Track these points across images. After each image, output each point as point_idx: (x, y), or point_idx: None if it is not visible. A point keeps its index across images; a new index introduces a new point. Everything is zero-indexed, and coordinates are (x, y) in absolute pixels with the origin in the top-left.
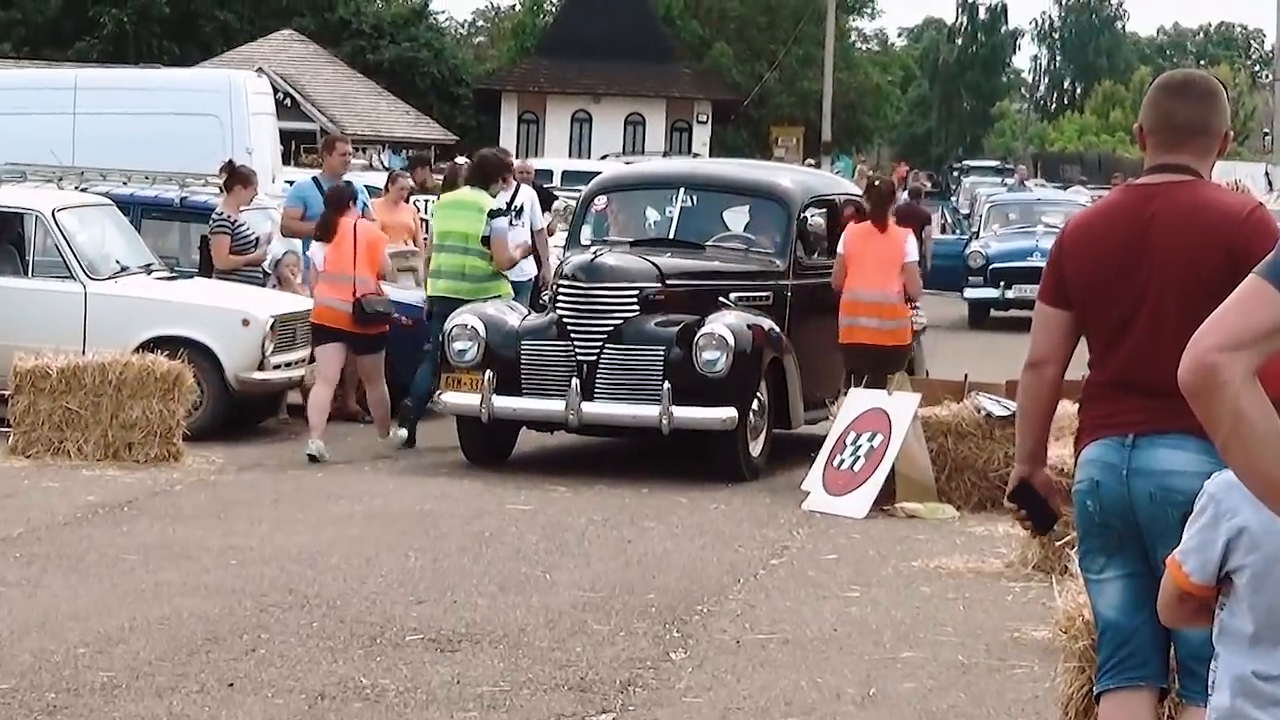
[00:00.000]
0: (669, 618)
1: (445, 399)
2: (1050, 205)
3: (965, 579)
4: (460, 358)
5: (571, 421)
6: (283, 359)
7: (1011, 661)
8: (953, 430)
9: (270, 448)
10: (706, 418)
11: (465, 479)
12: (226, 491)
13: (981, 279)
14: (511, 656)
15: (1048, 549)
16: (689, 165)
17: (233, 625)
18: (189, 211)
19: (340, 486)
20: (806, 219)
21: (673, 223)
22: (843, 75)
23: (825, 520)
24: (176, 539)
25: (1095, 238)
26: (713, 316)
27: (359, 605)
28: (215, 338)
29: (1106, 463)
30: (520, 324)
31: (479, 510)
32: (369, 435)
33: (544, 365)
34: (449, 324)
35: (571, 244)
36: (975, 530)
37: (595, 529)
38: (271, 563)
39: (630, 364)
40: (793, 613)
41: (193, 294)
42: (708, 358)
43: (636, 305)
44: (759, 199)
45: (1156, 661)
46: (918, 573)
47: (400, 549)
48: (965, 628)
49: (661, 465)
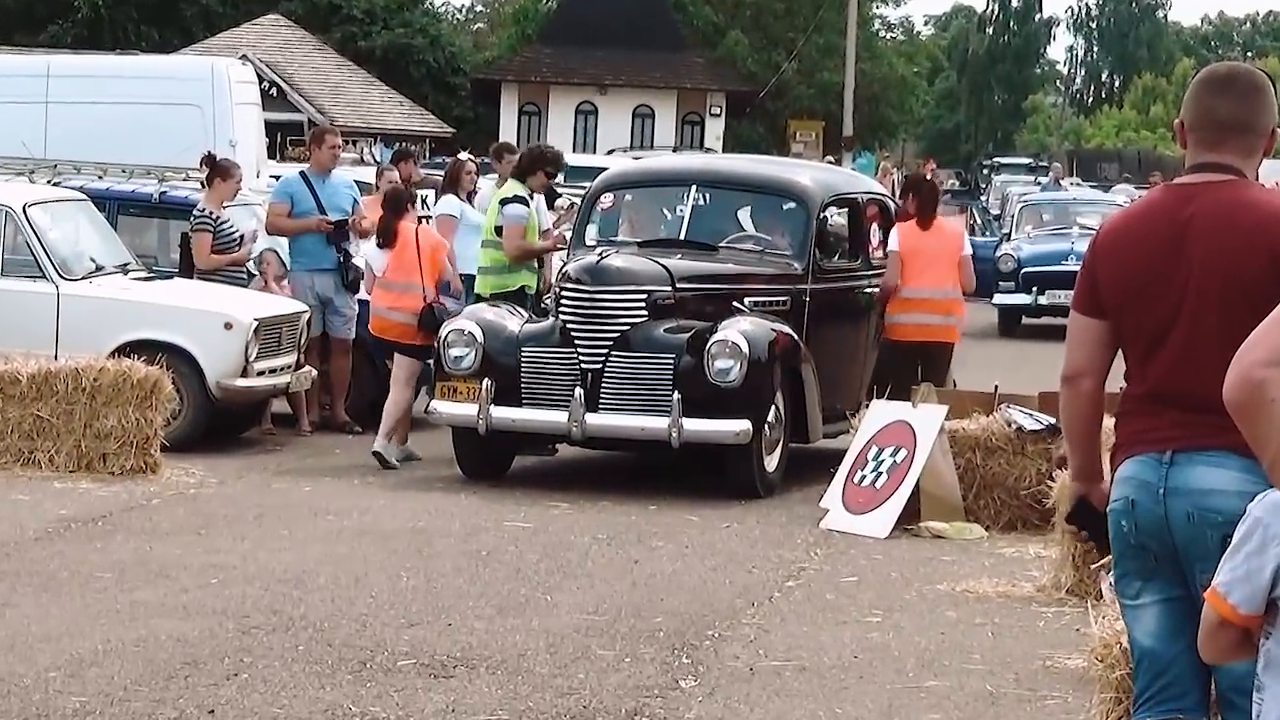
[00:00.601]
0: (678, 643)
1: (440, 409)
2: (1086, 205)
3: (994, 603)
4: (456, 365)
5: (575, 434)
6: (267, 365)
7: (1043, 692)
8: (981, 445)
9: (254, 459)
10: (719, 430)
11: (461, 494)
12: (207, 506)
13: (1013, 284)
14: (510, 684)
15: (1082, 572)
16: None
17: (213, 648)
18: (168, 207)
19: (328, 501)
20: (826, 219)
21: (683, 222)
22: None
23: (845, 540)
24: (153, 556)
25: (1130, 241)
26: (726, 323)
27: (348, 628)
28: (196, 342)
29: (1142, 481)
30: (520, 329)
31: (475, 528)
32: (359, 448)
33: (546, 374)
34: (444, 329)
35: (576, 245)
36: (1005, 552)
37: (599, 548)
38: (255, 582)
39: (637, 373)
40: (810, 639)
41: (172, 295)
42: (720, 366)
43: (644, 310)
44: (776, 197)
45: (1196, 693)
46: (943, 597)
47: (392, 568)
48: (994, 655)
49: (670, 481)
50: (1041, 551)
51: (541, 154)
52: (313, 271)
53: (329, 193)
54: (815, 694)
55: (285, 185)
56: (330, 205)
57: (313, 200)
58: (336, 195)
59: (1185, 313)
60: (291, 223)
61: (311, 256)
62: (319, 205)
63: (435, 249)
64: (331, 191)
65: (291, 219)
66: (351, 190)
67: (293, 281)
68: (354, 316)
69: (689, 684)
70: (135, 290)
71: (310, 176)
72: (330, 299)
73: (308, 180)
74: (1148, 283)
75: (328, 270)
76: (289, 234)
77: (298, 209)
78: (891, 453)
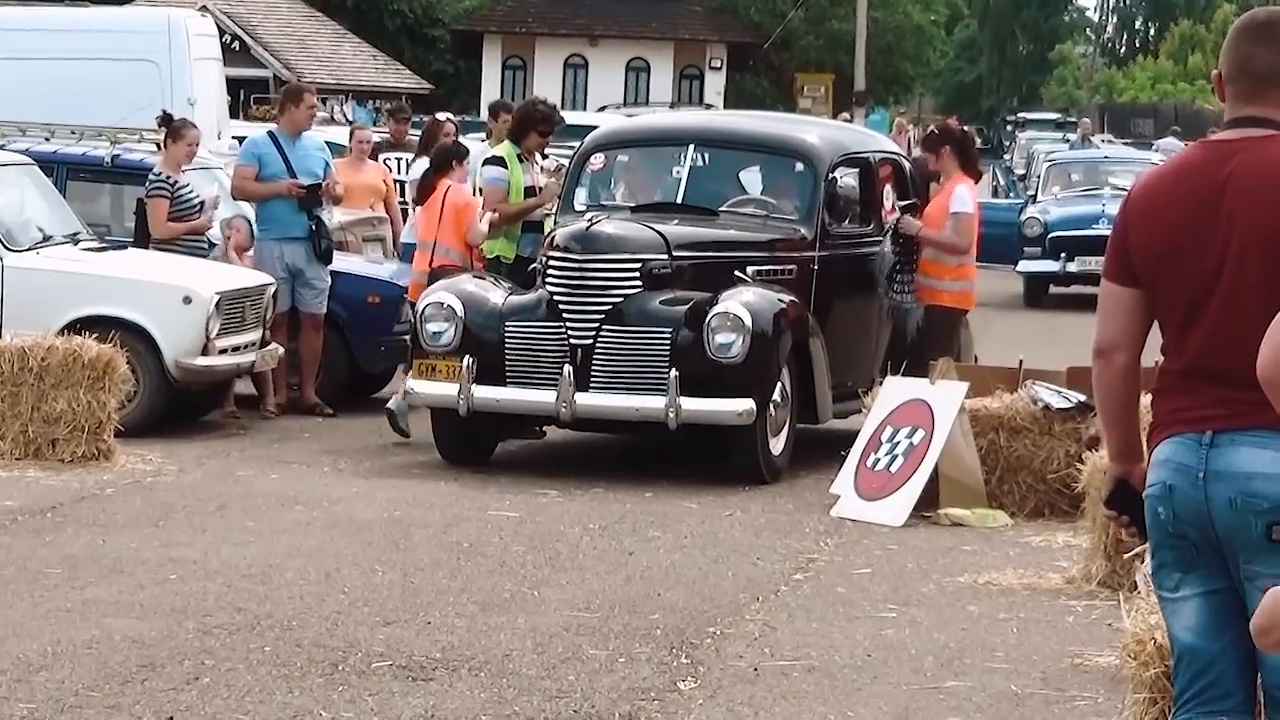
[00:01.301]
0: (676, 641)
1: (417, 389)
2: (1119, 164)
3: (1019, 596)
4: (435, 341)
5: (563, 415)
6: (230, 342)
7: (1072, 692)
8: (1005, 425)
9: (216, 445)
10: (720, 411)
11: (440, 481)
12: (165, 495)
13: (1039, 250)
14: (494, 686)
15: (1115, 562)
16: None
17: (172, 650)
18: (121, 172)
19: (296, 491)
20: (836, 180)
21: (681, 185)
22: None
23: (857, 529)
24: (107, 550)
25: (1164, 203)
26: (727, 293)
27: (318, 627)
28: (152, 318)
29: (1180, 464)
30: (504, 302)
31: (456, 518)
32: (329, 432)
33: (531, 350)
34: (421, 302)
35: (564, 210)
36: (1031, 540)
37: (591, 539)
38: (217, 578)
39: (631, 348)
40: (819, 636)
41: (126, 267)
42: (721, 341)
43: (638, 281)
44: (781, 157)
45: (1241, 692)
46: (964, 589)
47: (365, 562)
48: (1019, 653)
49: (667, 466)
50: (1070, 540)
51: (530, 111)
52: (282, 240)
53: (300, 155)
54: (825, 696)
55: (252, 146)
56: (301, 168)
57: (282, 163)
58: (308, 158)
59: (1224, 280)
60: (259, 186)
61: (280, 224)
62: (289, 168)
63: (460, 209)
64: (303, 154)
65: (259, 183)
66: (324, 152)
67: (260, 251)
68: (326, 290)
69: (688, 686)
70: (86, 262)
71: (280, 137)
72: (301, 270)
73: (277, 141)
74: (1182, 247)
75: (298, 239)
76: (256, 199)
77: (265, 172)
78: (908, 434)
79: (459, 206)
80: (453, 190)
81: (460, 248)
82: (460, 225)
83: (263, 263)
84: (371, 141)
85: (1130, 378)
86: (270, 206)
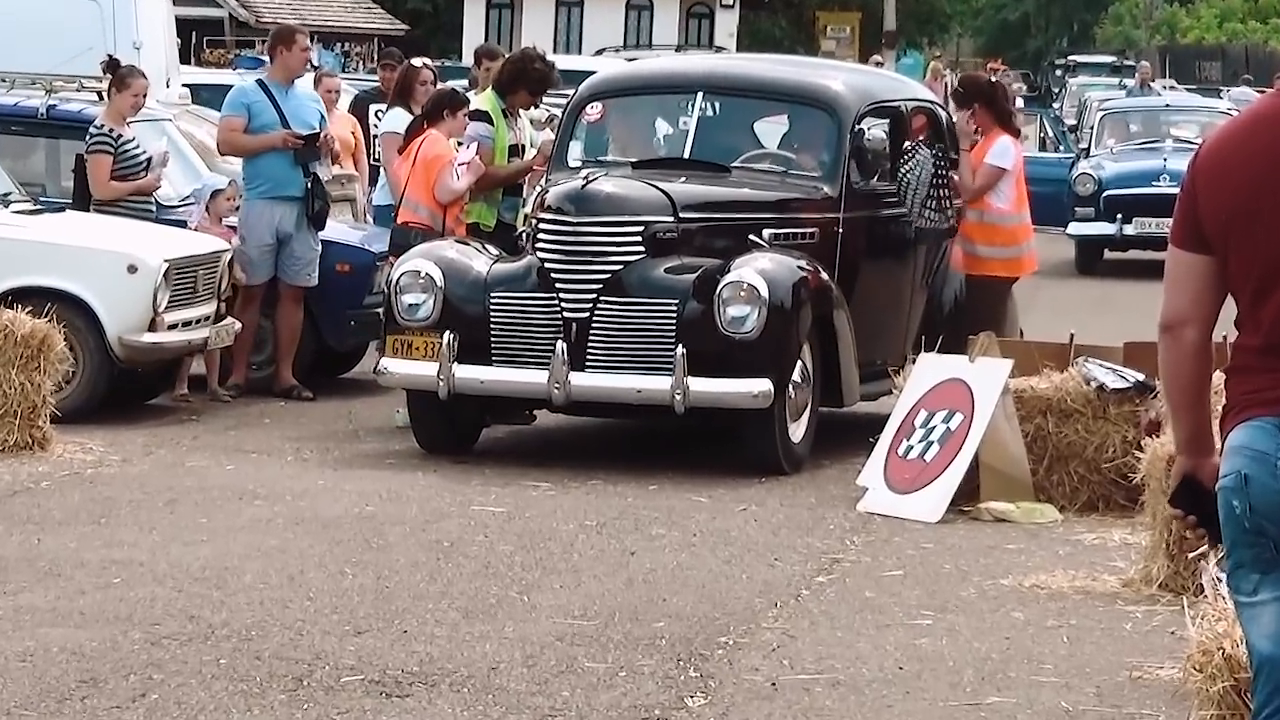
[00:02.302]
0: (684, 653)
1: (391, 369)
2: (1182, 114)
3: (1070, 601)
4: (411, 315)
5: (557, 397)
6: (180, 316)
7: (1130, 709)
8: (1054, 408)
9: (165, 432)
10: (733, 392)
11: (418, 473)
12: (108, 489)
13: (1092, 210)
14: (478, 703)
15: (1178, 562)
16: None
17: (115, 663)
18: (58, 124)
19: (256, 484)
20: (863, 132)
21: (688, 138)
22: None
23: (888, 526)
24: (42, 551)
25: (1236, 160)
26: (740, 260)
27: (279, 637)
28: (93, 289)
29: (1258, 451)
30: (489, 271)
31: (436, 513)
32: (294, 417)
33: (520, 325)
34: (395, 271)
35: (556, 166)
36: (1083, 538)
37: (587, 537)
38: (166, 582)
39: (633, 323)
40: (845, 646)
41: (63, 232)
42: (734, 314)
43: (641, 246)
44: (801, 106)
45: None
46: (1008, 593)
47: (333, 564)
48: (1070, 665)
49: (673, 455)
50: (1128, 538)
51: (525, 68)
52: (274, 200)
53: (294, 105)
54: (851, 714)
55: (241, 95)
56: (296, 119)
57: (275, 113)
58: (302, 109)
59: None
60: (251, 139)
61: (274, 180)
62: (282, 119)
63: (429, 162)
64: (297, 104)
65: (249, 135)
66: (318, 104)
67: (247, 212)
68: (315, 259)
69: (697, 703)
70: (18, 226)
71: (271, 85)
72: (290, 235)
73: (267, 90)
74: (1257, 211)
75: (293, 199)
76: (247, 153)
77: (256, 123)
78: (944, 418)
79: (428, 158)
80: (429, 139)
81: (430, 204)
82: (429, 178)
83: (250, 225)
84: (340, 90)
85: (1201, 356)
86: (261, 162)
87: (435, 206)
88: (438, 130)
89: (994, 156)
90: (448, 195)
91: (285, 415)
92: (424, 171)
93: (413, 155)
